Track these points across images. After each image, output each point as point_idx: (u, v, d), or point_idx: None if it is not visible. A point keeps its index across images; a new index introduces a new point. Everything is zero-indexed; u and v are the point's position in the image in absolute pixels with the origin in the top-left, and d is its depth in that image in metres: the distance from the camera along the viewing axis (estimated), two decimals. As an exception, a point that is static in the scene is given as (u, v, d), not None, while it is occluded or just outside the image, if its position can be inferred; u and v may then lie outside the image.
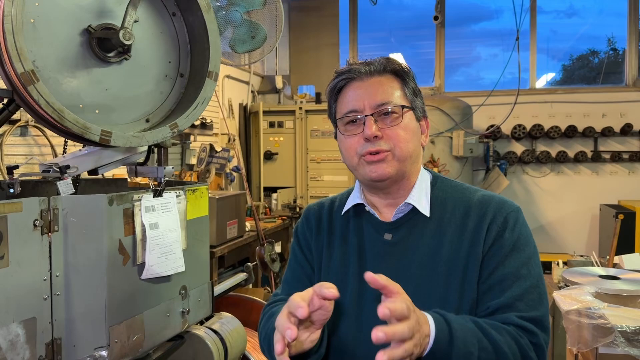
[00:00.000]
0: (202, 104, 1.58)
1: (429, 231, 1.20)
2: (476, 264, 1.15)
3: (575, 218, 5.90)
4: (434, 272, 1.17)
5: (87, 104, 1.41)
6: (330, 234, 1.32)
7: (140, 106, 1.55)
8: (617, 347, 1.71)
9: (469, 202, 1.22)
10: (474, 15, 6.86)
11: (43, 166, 1.53)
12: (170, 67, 1.63)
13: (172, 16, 1.66)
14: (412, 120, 1.21)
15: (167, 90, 1.62)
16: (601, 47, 6.40)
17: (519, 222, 1.19)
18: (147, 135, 1.43)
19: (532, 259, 1.17)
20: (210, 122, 4.61)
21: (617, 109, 5.80)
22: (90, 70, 1.43)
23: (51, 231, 1.28)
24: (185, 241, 1.57)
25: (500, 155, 6.00)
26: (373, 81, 1.20)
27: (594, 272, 2.26)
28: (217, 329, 1.78)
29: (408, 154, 1.19)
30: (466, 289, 1.15)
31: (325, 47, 6.57)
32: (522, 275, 1.14)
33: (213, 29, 1.63)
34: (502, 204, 1.20)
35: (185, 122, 1.53)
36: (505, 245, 1.15)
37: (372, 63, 1.21)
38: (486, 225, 1.17)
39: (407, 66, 1.24)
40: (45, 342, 1.26)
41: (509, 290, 1.12)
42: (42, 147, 2.96)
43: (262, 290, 3.49)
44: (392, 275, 1.17)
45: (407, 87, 1.22)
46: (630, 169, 5.82)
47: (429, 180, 1.27)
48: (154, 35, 1.60)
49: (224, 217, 3.49)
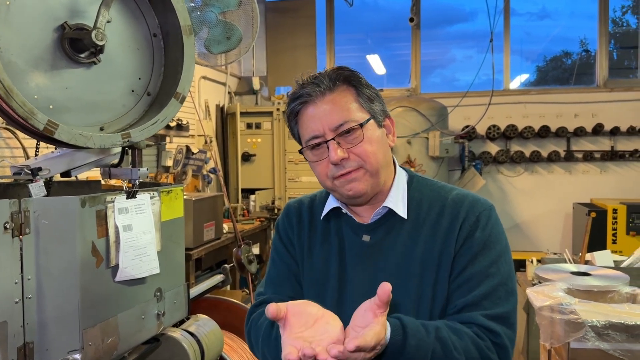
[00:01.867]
0: (161, 122, 1.55)
1: (405, 232, 1.21)
2: (448, 262, 1.17)
3: (549, 216, 6.00)
4: (409, 272, 1.18)
5: (43, 97, 1.37)
6: (311, 232, 1.33)
7: (97, 113, 1.51)
8: (588, 341, 1.75)
9: (444, 201, 1.23)
10: (449, 17, 6.94)
11: (14, 168, 1.51)
12: (139, 83, 1.61)
13: (152, 37, 1.65)
14: (374, 130, 1.19)
15: (130, 105, 1.60)
16: (574, 48, 6.53)
17: (491, 221, 1.20)
18: (94, 137, 1.38)
19: (502, 257, 1.18)
20: (186, 124, 4.58)
21: (589, 109, 5.92)
22: (54, 64, 1.40)
23: (22, 234, 1.26)
24: (159, 243, 1.56)
25: (476, 156, 6.07)
26: (326, 100, 1.17)
27: (566, 269, 2.30)
28: (194, 331, 1.77)
29: (378, 165, 1.18)
30: (438, 289, 1.17)
31: (302, 48, 6.57)
32: (491, 273, 1.15)
33: (190, 54, 1.63)
34: (474, 203, 1.22)
35: (139, 135, 1.49)
36: (475, 244, 1.17)
37: (321, 81, 1.18)
38: (459, 224, 1.18)
39: (358, 72, 1.21)
40: (17, 346, 1.25)
41: (476, 289, 1.14)
42: (14, 149, 2.91)
43: (240, 292, 3.48)
44: (370, 276, 1.20)
45: (361, 95, 1.19)
46: (601, 168, 5.94)
47: (406, 180, 1.27)
48: (129, 50, 1.58)
49: (200, 219, 3.47)
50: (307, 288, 1.30)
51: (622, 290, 2.02)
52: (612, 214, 5.10)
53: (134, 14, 1.62)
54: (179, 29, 1.61)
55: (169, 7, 1.62)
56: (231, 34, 2.28)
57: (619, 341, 1.74)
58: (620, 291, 2.02)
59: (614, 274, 2.20)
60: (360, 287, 1.21)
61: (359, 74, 1.22)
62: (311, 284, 1.29)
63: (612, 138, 5.87)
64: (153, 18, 1.66)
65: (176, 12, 1.62)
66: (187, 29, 1.63)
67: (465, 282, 1.15)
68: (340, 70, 1.20)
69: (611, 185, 5.89)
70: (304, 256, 1.32)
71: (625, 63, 6.45)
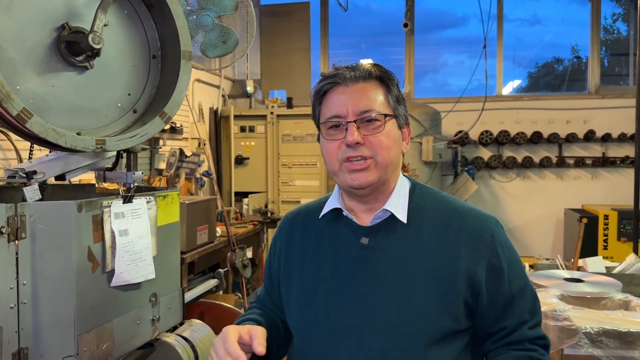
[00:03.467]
0: (140, 137, 1.52)
1: (407, 238, 1.20)
2: (463, 283, 1.16)
3: (541, 222, 6.04)
4: (411, 278, 1.17)
5: (26, 89, 1.34)
6: (303, 240, 1.33)
7: (77, 118, 1.48)
8: (582, 348, 1.76)
9: (448, 211, 1.23)
10: (441, 22, 6.99)
11: (8, 171, 1.50)
12: (128, 99, 1.60)
13: (151, 57, 1.65)
14: (394, 128, 1.21)
15: (114, 118, 1.57)
16: (565, 55, 6.58)
17: (503, 238, 1.22)
18: (67, 136, 1.34)
19: (520, 264, 1.23)
20: (180, 127, 4.57)
21: (581, 115, 5.97)
22: (46, 62, 1.38)
23: (18, 238, 1.25)
24: (155, 248, 1.56)
25: (468, 161, 6.10)
26: (357, 87, 1.20)
27: (559, 275, 2.32)
28: (188, 336, 1.77)
29: (389, 161, 1.20)
30: (447, 303, 1.15)
31: (296, 52, 6.58)
32: (523, 287, 1.21)
33: (185, 79, 1.62)
34: (484, 220, 1.22)
35: (114, 144, 1.46)
36: (502, 269, 1.18)
37: (358, 68, 1.21)
38: (472, 242, 1.18)
39: (392, 73, 1.24)
40: (11, 352, 1.23)
41: (518, 307, 1.20)
42: (7, 151, 2.89)
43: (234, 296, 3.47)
44: (367, 278, 1.19)
45: (390, 94, 1.22)
46: (593, 174, 5.99)
47: (408, 187, 1.27)
48: (125, 65, 1.57)
49: (194, 222, 3.46)
50: (299, 294, 1.29)
51: (615, 297, 2.03)
52: (603, 219, 5.14)
53: (137, 31, 1.62)
54: (179, 52, 1.61)
55: (173, 30, 1.61)
56: (227, 38, 2.28)
57: (612, 348, 1.75)
58: (613, 298, 2.03)
59: (607, 280, 2.22)
60: (356, 289, 1.20)
61: (393, 75, 1.24)
62: (302, 290, 1.29)
63: (603, 144, 5.93)
64: (156, 41, 1.66)
65: (179, 36, 1.62)
66: (187, 54, 1.62)
67: (508, 305, 1.19)
68: (377, 66, 1.23)
69: (602, 191, 5.94)
70: (295, 264, 1.32)
71: (617, 70, 6.51)
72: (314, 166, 5.60)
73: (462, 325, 1.17)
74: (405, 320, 1.15)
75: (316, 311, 1.23)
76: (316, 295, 1.24)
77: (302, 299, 1.28)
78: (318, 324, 1.23)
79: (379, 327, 1.16)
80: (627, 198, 5.81)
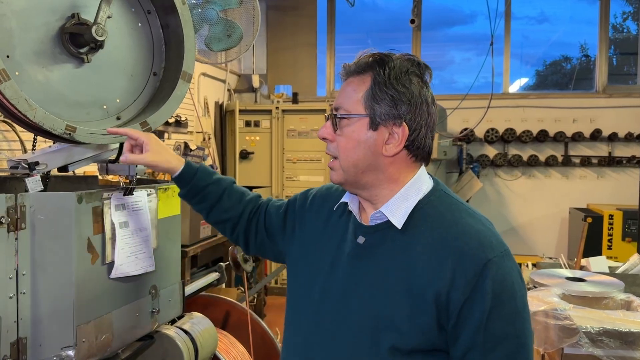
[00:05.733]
0: (113, 137, 1.51)
1: (399, 245, 1.14)
2: (439, 304, 1.07)
3: (545, 221, 6.01)
4: (390, 288, 1.11)
5: (14, 62, 1.34)
6: (316, 220, 1.33)
7: (58, 106, 1.45)
8: (582, 347, 1.75)
9: (453, 227, 1.11)
10: (448, 19, 6.94)
11: (11, 162, 1.50)
12: (115, 104, 1.59)
13: (151, 74, 1.67)
14: (360, 129, 1.14)
15: (95, 118, 1.56)
16: (573, 53, 6.54)
17: (502, 272, 1.07)
18: (38, 111, 1.33)
19: (512, 308, 1.08)
20: (185, 120, 4.57)
21: (587, 114, 5.93)
22: (44, 47, 1.39)
23: (18, 229, 1.25)
24: (155, 240, 1.56)
25: (473, 158, 6.08)
26: (347, 82, 1.18)
27: (561, 274, 2.30)
28: (188, 328, 1.77)
29: (350, 163, 1.15)
30: (418, 321, 1.08)
31: (302, 47, 6.57)
32: (502, 334, 1.06)
33: (178, 97, 1.62)
34: (485, 248, 1.07)
35: (84, 136, 1.43)
36: (482, 302, 1.05)
37: (355, 62, 1.18)
38: (460, 270, 1.06)
39: (389, 67, 1.14)
40: (10, 342, 1.24)
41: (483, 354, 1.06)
42: (11, 142, 2.90)
43: (235, 290, 3.47)
44: (355, 278, 1.18)
45: (371, 91, 1.13)
46: (598, 173, 5.96)
47: (425, 191, 1.18)
48: (122, 72, 1.58)
49: (197, 216, 3.46)
50: (304, 279, 1.28)
51: (617, 297, 2.02)
52: (608, 219, 5.12)
53: (147, 45, 1.63)
54: (179, 72, 1.60)
55: (180, 52, 1.62)
56: (232, 32, 2.28)
57: (613, 348, 1.74)
58: (614, 298, 2.02)
59: (609, 280, 2.21)
60: (345, 287, 1.18)
61: (390, 69, 1.14)
62: (306, 277, 1.28)
63: (609, 144, 5.89)
64: (161, 60, 1.67)
65: (184, 58, 1.61)
66: (187, 76, 1.62)
67: (475, 346, 1.06)
68: (371, 58, 1.17)
69: (608, 191, 5.90)
70: (305, 241, 1.32)
71: (625, 69, 6.46)
72: (318, 162, 5.59)
73: (436, 346, 1.09)
74: (375, 329, 1.10)
75: (310, 302, 1.23)
76: (314, 285, 1.24)
77: (303, 285, 1.28)
78: (307, 314, 1.23)
79: (351, 331, 1.14)
80: (633, 198, 5.77)
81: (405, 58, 1.17)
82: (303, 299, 1.26)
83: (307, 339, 1.22)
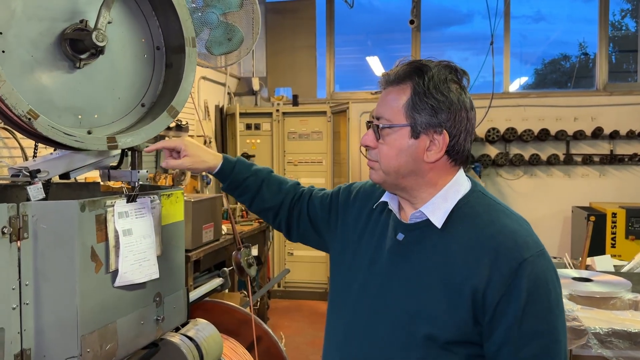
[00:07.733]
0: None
1: (437, 243, 1.18)
2: (476, 300, 1.10)
3: (548, 220, 5.99)
4: (426, 284, 1.16)
5: (11, 56, 1.31)
6: (359, 216, 1.38)
7: (36, 103, 1.37)
8: (591, 348, 1.74)
9: (490, 227, 1.15)
10: (445, 19, 6.94)
11: (12, 170, 1.49)
12: (93, 120, 1.57)
13: (139, 104, 1.64)
14: (401, 138, 1.18)
15: (66, 124, 1.48)
16: (572, 51, 6.53)
17: (537, 271, 1.10)
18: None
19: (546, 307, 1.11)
20: (185, 124, 4.55)
21: (588, 112, 5.92)
22: (42, 48, 1.36)
23: (20, 238, 1.24)
24: (159, 247, 1.55)
25: (475, 158, 6.06)
26: (387, 91, 1.22)
27: (567, 275, 2.29)
28: (193, 335, 1.75)
29: (391, 169, 1.20)
30: (455, 317, 1.12)
31: (302, 50, 6.56)
32: (535, 331, 1.10)
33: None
34: (520, 248, 1.11)
35: (49, 130, 1.33)
36: (517, 300, 1.08)
37: (394, 71, 1.21)
38: (495, 268, 1.09)
39: (428, 76, 1.16)
40: (14, 353, 1.22)
41: (516, 348, 1.09)
42: (12, 149, 2.88)
43: (239, 294, 3.46)
44: (394, 274, 1.22)
45: (412, 100, 1.16)
46: (600, 171, 5.94)
47: (463, 192, 1.21)
48: (112, 91, 1.55)
49: (199, 220, 3.46)
50: (343, 261, 1.36)
51: (625, 296, 2.01)
52: (611, 217, 5.10)
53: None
54: (167, 105, 1.58)
55: (175, 89, 1.61)
56: (232, 35, 2.26)
57: (622, 348, 1.73)
58: (622, 298, 2.01)
59: (616, 280, 2.19)
60: (380, 280, 1.23)
61: (429, 79, 1.16)
62: (349, 269, 1.33)
63: (611, 142, 5.87)
64: (154, 96, 1.64)
65: (177, 95, 1.58)
66: (173, 111, 1.58)
67: (508, 341, 1.10)
68: (410, 68, 1.19)
69: (610, 189, 5.89)
70: (350, 238, 1.37)
71: (625, 67, 6.45)
72: (319, 164, 5.59)
73: (470, 339, 1.13)
74: (412, 322, 1.16)
75: (350, 295, 1.28)
76: (355, 279, 1.29)
77: (345, 278, 1.33)
78: (347, 307, 1.29)
79: (388, 324, 1.19)
80: (636, 196, 5.77)
81: (442, 65, 1.19)
82: (344, 292, 1.32)
83: (346, 332, 1.27)
